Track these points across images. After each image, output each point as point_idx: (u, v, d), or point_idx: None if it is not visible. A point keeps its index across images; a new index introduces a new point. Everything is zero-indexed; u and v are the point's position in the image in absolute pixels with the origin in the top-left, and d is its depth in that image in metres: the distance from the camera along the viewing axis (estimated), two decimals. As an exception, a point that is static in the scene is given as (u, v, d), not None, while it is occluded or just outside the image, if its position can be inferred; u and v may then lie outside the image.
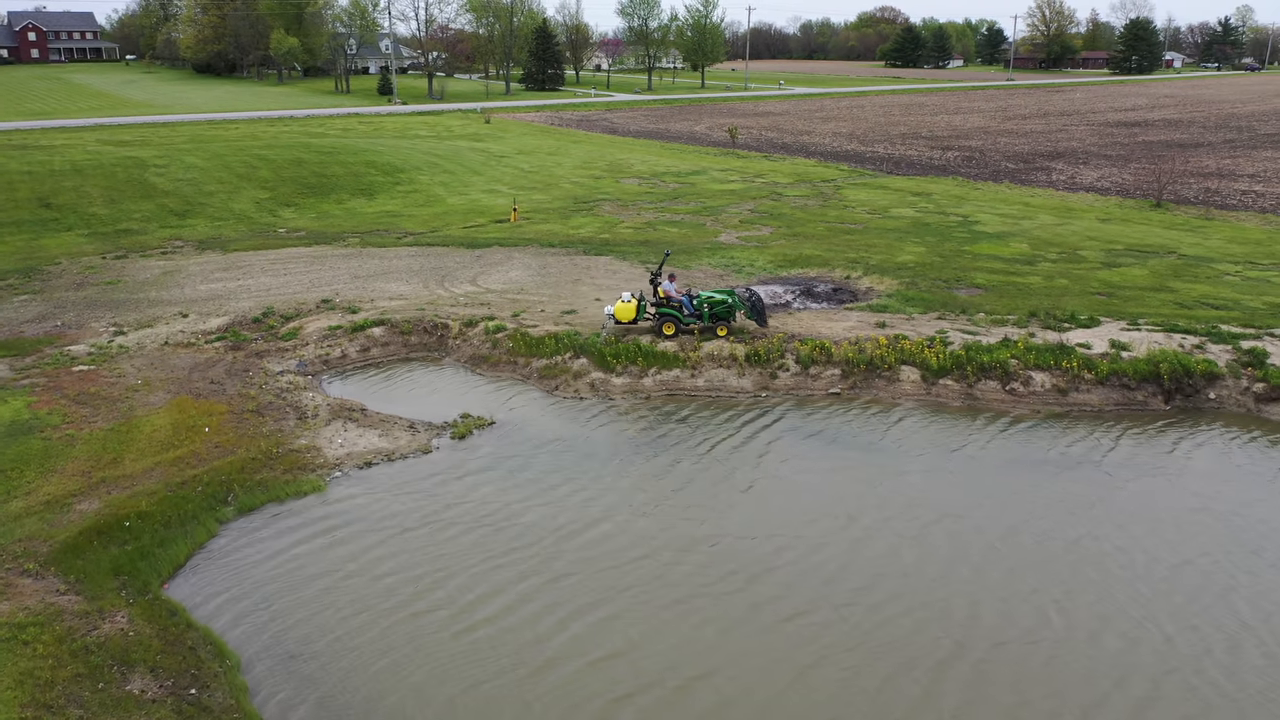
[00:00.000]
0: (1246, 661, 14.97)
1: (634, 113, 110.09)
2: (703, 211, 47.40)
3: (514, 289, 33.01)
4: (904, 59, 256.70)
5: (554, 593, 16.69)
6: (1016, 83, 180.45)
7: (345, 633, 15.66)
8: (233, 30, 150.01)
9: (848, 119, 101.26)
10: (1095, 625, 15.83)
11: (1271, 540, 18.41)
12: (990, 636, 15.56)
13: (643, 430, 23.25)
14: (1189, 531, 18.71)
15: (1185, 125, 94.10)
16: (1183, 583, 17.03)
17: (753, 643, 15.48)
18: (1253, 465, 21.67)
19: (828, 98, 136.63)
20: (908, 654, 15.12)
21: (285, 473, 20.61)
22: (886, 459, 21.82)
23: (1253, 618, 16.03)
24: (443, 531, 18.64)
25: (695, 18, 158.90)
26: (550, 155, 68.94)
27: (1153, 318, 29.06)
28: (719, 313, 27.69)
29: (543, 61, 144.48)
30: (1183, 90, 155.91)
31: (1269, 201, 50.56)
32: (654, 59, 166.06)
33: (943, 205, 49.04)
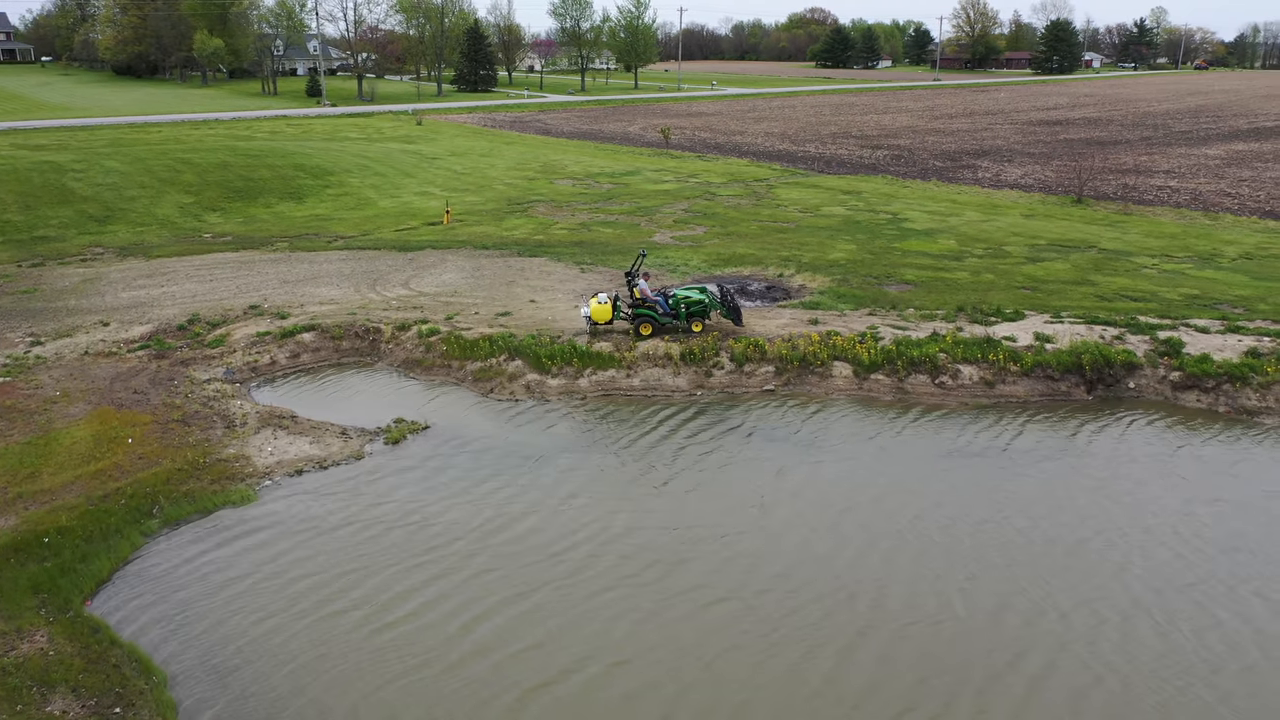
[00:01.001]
0: (1137, 636, 15.54)
1: (567, 114, 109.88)
2: (637, 212, 47.49)
3: (447, 292, 32.72)
4: (834, 60, 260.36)
5: (474, 589, 16.70)
6: (943, 83, 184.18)
7: (277, 644, 15.35)
8: (154, 31, 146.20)
9: (779, 119, 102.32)
10: (996, 606, 16.31)
11: (1163, 519, 19.15)
12: (896, 619, 15.97)
13: (576, 430, 23.22)
14: (1087, 513, 19.36)
15: (1104, 124, 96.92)
16: (1080, 562, 17.64)
17: (668, 632, 15.67)
18: (1149, 448, 22.45)
19: (760, 98, 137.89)
20: (816, 639, 15.44)
21: (213, 483, 20.14)
22: (805, 451, 22.14)
23: (1144, 593, 16.66)
24: (373, 536, 18.41)
25: (627, 19, 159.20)
26: (483, 157, 68.47)
27: (1075, 310, 29.87)
28: (695, 311, 27.79)
29: (475, 62, 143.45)
30: (1101, 90, 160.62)
31: (1183, 197, 52.31)
32: (587, 60, 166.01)
33: (873, 203, 49.82)
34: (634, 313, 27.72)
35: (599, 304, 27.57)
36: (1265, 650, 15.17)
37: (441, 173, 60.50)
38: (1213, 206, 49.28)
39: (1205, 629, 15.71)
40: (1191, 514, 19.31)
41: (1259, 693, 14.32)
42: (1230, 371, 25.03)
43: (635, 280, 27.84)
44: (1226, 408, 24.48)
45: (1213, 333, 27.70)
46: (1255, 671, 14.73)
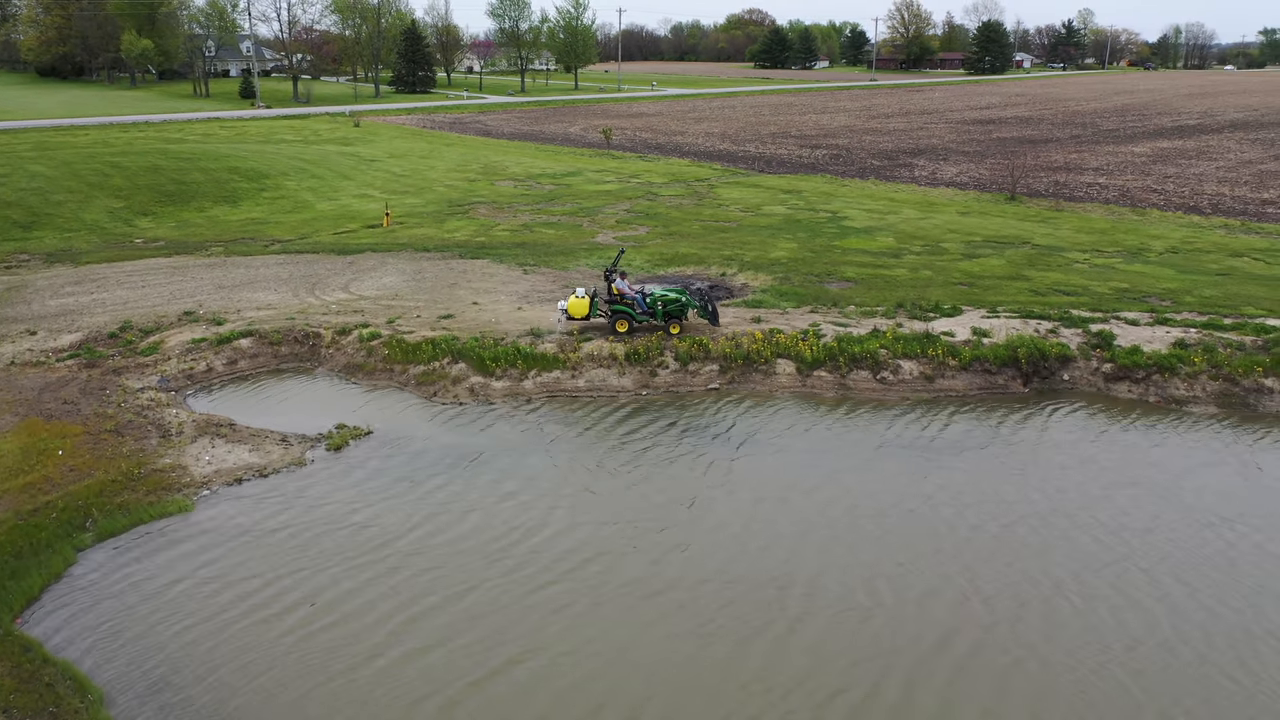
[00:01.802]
0: (1058, 618, 15.99)
1: (508, 114, 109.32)
2: (579, 212, 47.41)
3: (388, 295, 32.33)
4: (772, 60, 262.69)
5: (413, 591, 16.71)
6: (879, 83, 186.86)
7: (215, 657, 15.02)
8: (79, 31, 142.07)
9: (719, 119, 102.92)
10: (923, 592, 16.69)
11: (1082, 503, 19.76)
12: (827, 608, 16.25)
13: (520, 432, 23.09)
14: (1012, 500, 19.87)
15: (1035, 122, 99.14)
16: (1004, 548, 18.12)
17: (603, 626, 15.82)
18: (1073, 436, 23.09)
19: (700, 98, 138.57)
20: (749, 630, 15.65)
21: (149, 494, 19.64)
22: (743, 447, 22.36)
23: (1065, 576, 17.17)
24: (313, 542, 18.15)
25: (566, 19, 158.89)
26: (423, 158, 67.81)
27: (1010, 305, 30.50)
28: (672, 311, 27.79)
29: (412, 63, 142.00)
30: (1032, 89, 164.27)
31: (1111, 193, 53.72)
32: (526, 61, 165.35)
33: (813, 202, 50.35)
34: (611, 310, 27.71)
35: (577, 299, 27.54)
36: (1178, 628, 15.68)
37: (380, 175, 59.78)
38: (1140, 202, 50.70)
39: (1122, 608, 16.23)
40: (1110, 499, 19.93)
41: (1171, 669, 14.78)
42: (1159, 362, 25.76)
43: (614, 277, 27.83)
44: (1156, 398, 25.19)
45: (1142, 325, 28.48)
46: (1169, 648, 15.24)
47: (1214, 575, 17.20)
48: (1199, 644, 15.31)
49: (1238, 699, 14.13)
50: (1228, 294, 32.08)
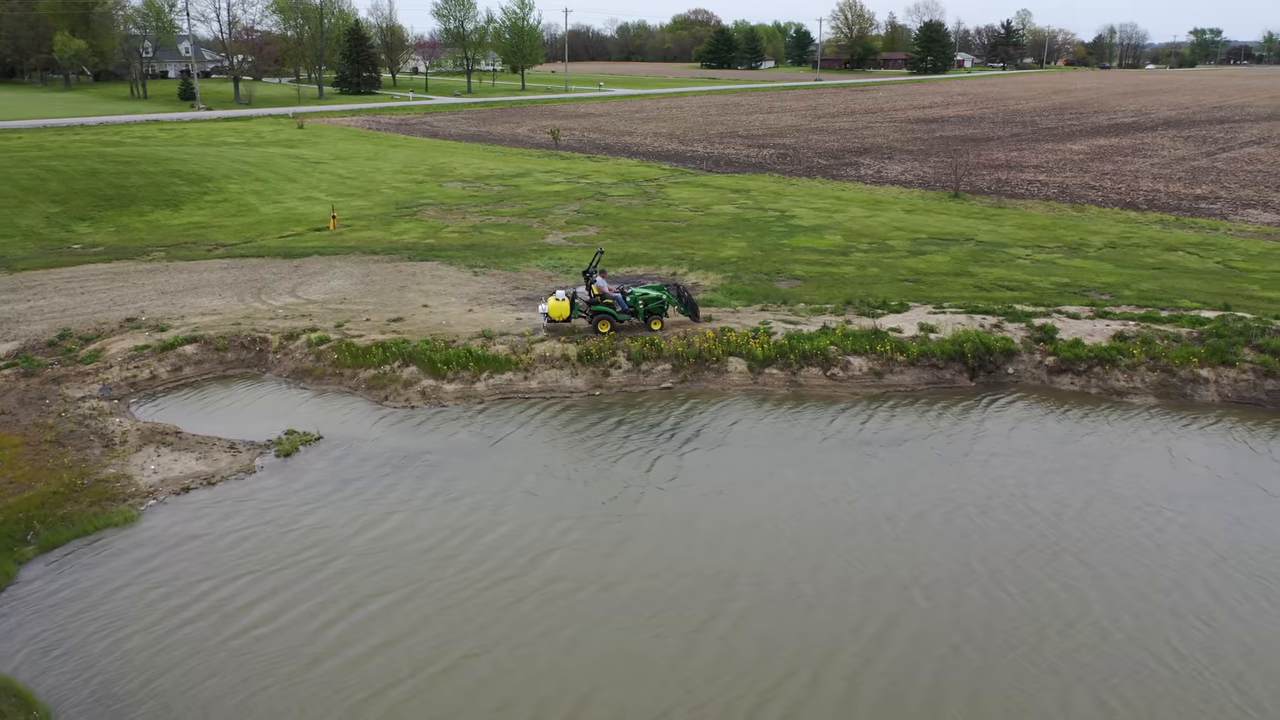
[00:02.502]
0: (968, 601, 16.45)
1: (454, 115, 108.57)
2: (529, 213, 47.27)
3: (336, 299, 31.96)
4: (719, 60, 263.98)
5: (350, 592, 16.78)
6: (824, 83, 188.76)
7: (158, 665, 14.79)
8: (9, 31, 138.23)
9: (667, 119, 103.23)
10: (867, 581, 17.05)
11: (1019, 491, 20.33)
12: (775, 599, 16.53)
13: (470, 434, 22.99)
14: (950, 489, 20.34)
15: (977, 121, 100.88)
16: (944, 536, 18.56)
17: (525, 621, 15.95)
18: (1008, 427, 23.70)
19: (647, 98, 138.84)
20: (668, 623, 15.87)
21: (92, 505, 19.22)
22: (684, 444, 22.57)
23: (1002, 561, 17.67)
24: (261, 548, 17.96)
25: (512, 20, 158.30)
26: (369, 160, 67.09)
27: (956, 301, 31.03)
28: (652, 308, 28.14)
29: (357, 64, 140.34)
30: (973, 88, 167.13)
31: (1051, 190, 54.88)
32: (472, 61, 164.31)
33: (761, 201, 50.73)
34: (592, 310, 27.87)
35: (557, 301, 27.65)
36: (1110, 610, 16.17)
37: (326, 177, 59.03)
38: (1079, 199, 51.85)
39: (1056, 592, 16.72)
40: (1045, 487, 20.50)
41: (1102, 649, 15.21)
42: (1100, 355, 26.39)
43: (594, 277, 28.03)
44: (1098, 389, 25.80)
45: (1083, 319, 29.15)
46: (1102, 630, 15.70)
47: (1143, 558, 17.78)
48: (1129, 625, 15.80)
49: (1163, 677, 14.61)
50: (1164, 287, 32.95)
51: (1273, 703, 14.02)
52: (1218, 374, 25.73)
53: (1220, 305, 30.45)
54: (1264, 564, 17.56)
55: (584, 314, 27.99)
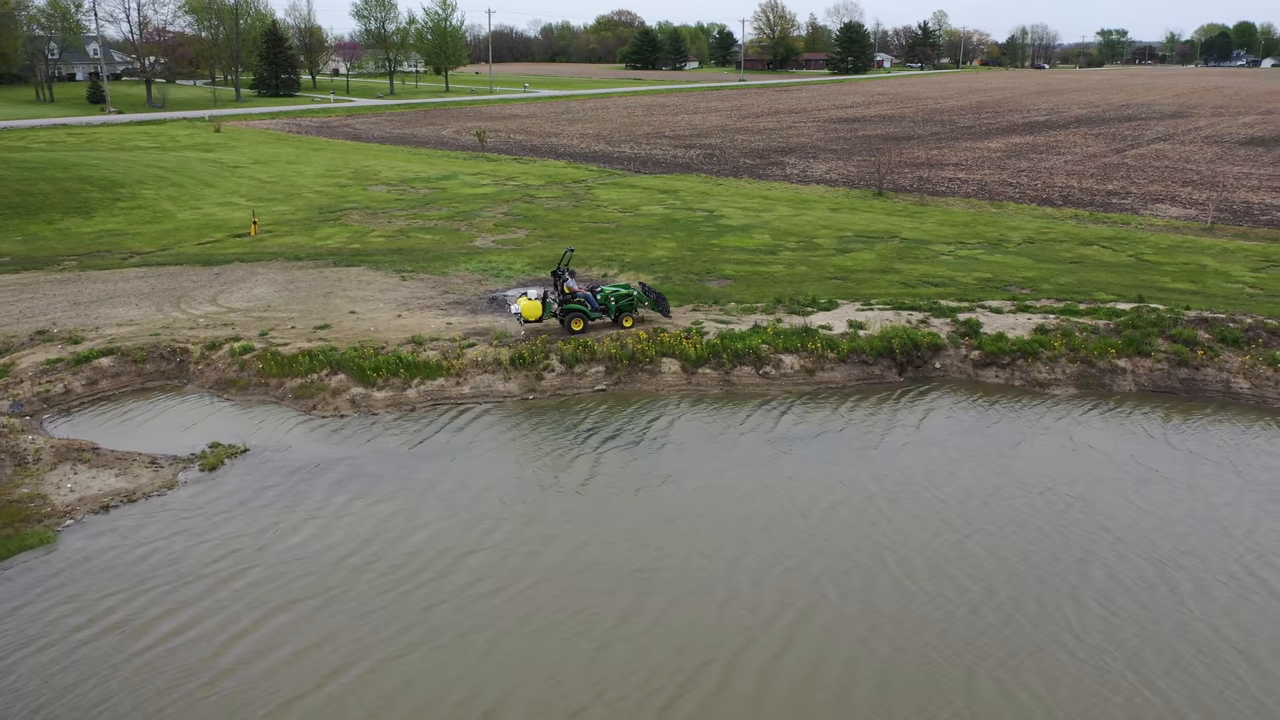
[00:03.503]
0: (878, 591, 16.81)
1: (377, 118, 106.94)
2: (456, 216, 46.75)
3: (260, 306, 31.19)
4: (643, 61, 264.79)
5: (277, 602, 16.46)
6: (748, 83, 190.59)
7: (65, 681, 14.26)
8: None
9: (593, 120, 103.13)
10: (782, 572, 17.27)
11: (928, 480, 20.83)
12: (667, 593, 16.69)
13: (400, 442, 22.61)
14: (862, 481, 20.74)
15: (897, 120, 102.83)
16: (856, 527, 18.95)
17: (436, 627, 15.85)
18: (920, 419, 24.19)
19: (573, 99, 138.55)
20: (580, 625, 15.90)
21: (5, 527, 18.40)
22: (607, 442, 22.64)
23: (913, 549, 18.11)
24: (183, 565, 17.41)
25: (434, 20, 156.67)
26: (290, 164, 65.67)
27: (883, 297, 31.54)
28: (624, 306, 28.51)
29: (275, 66, 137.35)
30: (893, 88, 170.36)
31: (971, 187, 56.19)
32: (395, 63, 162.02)
33: (689, 201, 50.96)
34: (564, 309, 28.00)
35: (529, 301, 27.76)
36: (1014, 595, 16.62)
37: (246, 181, 57.62)
38: (998, 195, 53.17)
39: (962, 577, 17.15)
40: (953, 475, 21.02)
41: (1007, 633, 15.62)
42: (1023, 348, 27.06)
43: (564, 276, 28.18)
44: (1021, 381, 26.46)
45: (1006, 313, 29.87)
46: (978, 613, 16.14)
47: (1045, 542, 18.35)
48: (1032, 609, 16.25)
49: (1062, 658, 15.03)
50: (1081, 280, 33.96)
51: (1165, 680, 14.53)
52: (1134, 364, 26.57)
53: (1134, 297, 31.49)
54: (1158, 545, 18.25)
55: (555, 314, 28.20)
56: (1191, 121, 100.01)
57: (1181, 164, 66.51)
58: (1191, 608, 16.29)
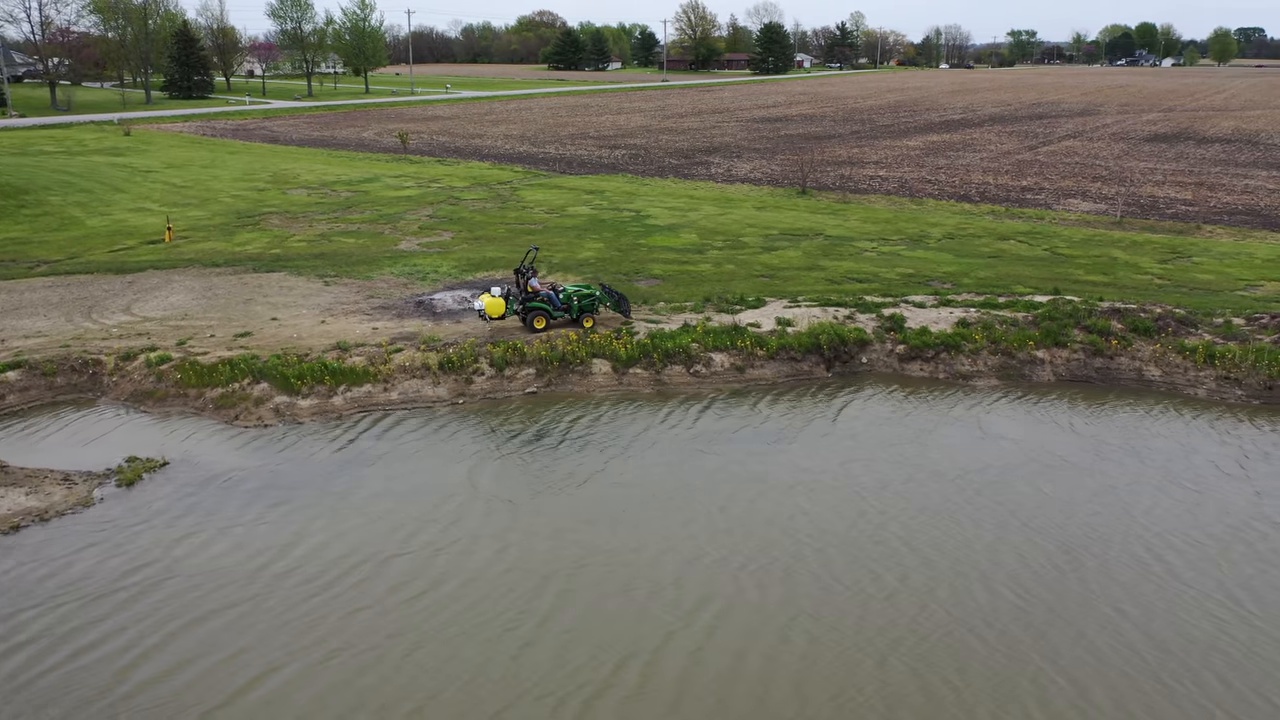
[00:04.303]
0: (798, 581, 17.08)
1: (296, 120, 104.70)
2: (380, 220, 46.00)
3: (177, 315, 30.25)
4: (566, 61, 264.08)
5: (194, 614, 16.17)
6: (671, 83, 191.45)
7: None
8: None
9: (517, 121, 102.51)
10: (677, 572, 17.39)
11: (844, 471, 21.25)
12: (589, 592, 16.82)
13: (323, 451, 22.15)
14: (777, 474, 21.05)
15: (819, 119, 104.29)
16: (775, 518, 19.25)
17: (365, 629, 15.75)
18: (825, 412, 24.62)
19: (496, 100, 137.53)
20: (509, 621, 15.93)
21: (-93, 551, 17.52)
22: (519, 445, 22.57)
23: (808, 537, 18.47)
24: (89, 580, 16.88)
25: (353, 21, 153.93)
26: (205, 168, 63.92)
27: (809, 294, 31.92)
28: (585, 305, 28.54)
29: (187, 67, 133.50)
30: (813, 88, 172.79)
31: (891, 185, 57.24)
32: (312, 64, 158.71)
33: (616, 202, 50.95)
34: (526, 307, 28.07)
35: (492, 298, 27.84)
36: (928, 581, 17.06)
37: (159, 187, 55.90)
38: (917, 192, 54.26)
39: (876, 563, 17.57)
40: (869, 466, 21.46)
41: (921, 619, 16.01)
42: (946, 341, 27.64)
43: (527, 275, 28.21)
44: (945, 374, 27.01)
45: (929, 307, 30.47)
46: (894, 600, 16.55)
47: (935, 526, 18.90)
48: (944, 596, 16.65)
49: (973, 643, 15.42)
50: (999, 274, 34.83)
51: (1070, 658, 15.01)
52: (1052, 355, 27.34)
53: (1051, 290, 32.41)
54: (1064, 527, 18.89)
55: (518, 312, 28.23)
56: (1099, 119, 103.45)
57: (1091, 160, 68.72)
58: (1094, 588, 16.87)
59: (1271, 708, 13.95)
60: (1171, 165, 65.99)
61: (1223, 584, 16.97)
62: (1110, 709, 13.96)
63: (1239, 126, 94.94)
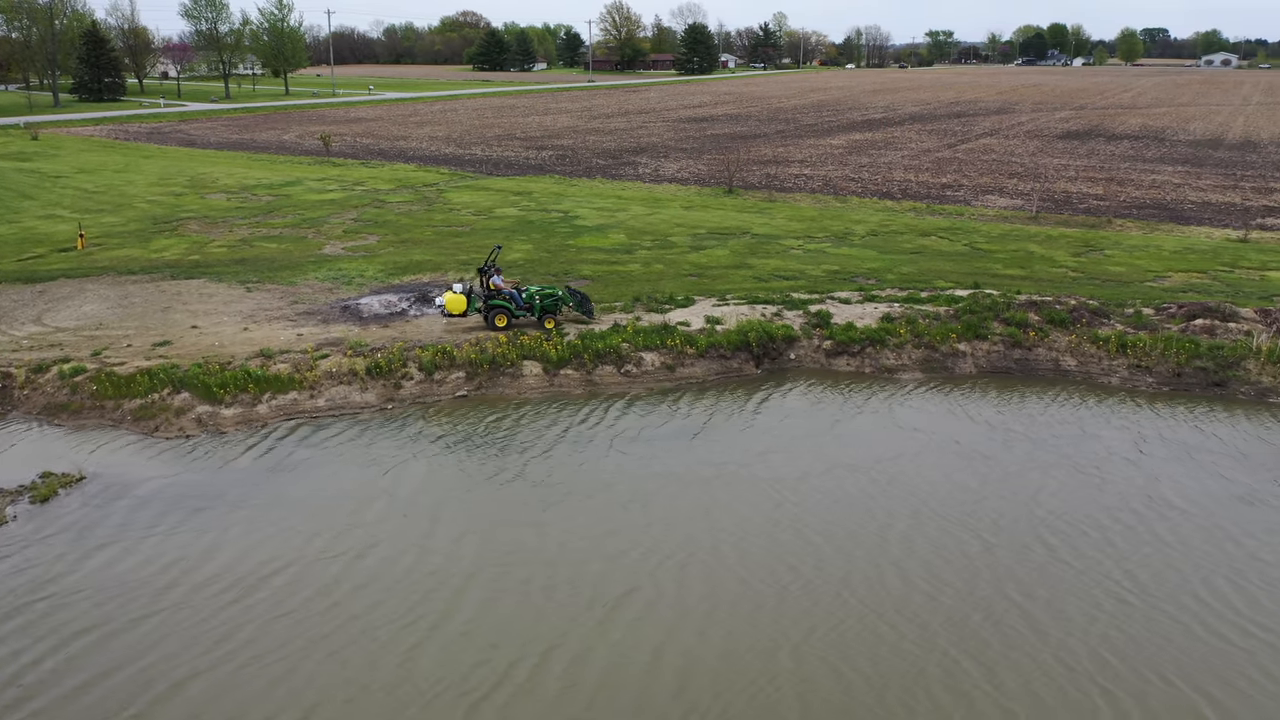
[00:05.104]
0: (716, 577, 17.36)
1: (213, 123, 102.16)
2: (303, 224, 45.17)
3: (91, 325, 29.33)
4: (491, 62, 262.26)
5: (61, 631, 15.75)
6: (597, 84, 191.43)
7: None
8: None
9: (443, 123, 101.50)
10: (603, 564, 17.61)
11: (742, 463, 21.68)
12: (487, 590, 16.86)
13: (246, 461, 21.69)
14: (678, 470, 21.36)
15: (744, 119, 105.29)
16: (680, 511, 19.55)
17: (251, 640, 15.56)
18: (750, 407, 24.97)
19: (420, 102, 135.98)
20: (403, 624, 15.90)
21: None
22: (427, 448, 22.45)
23: (726, 528, 18.85)
24: (11, 603, 16.32)
25: (271, 21, 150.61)
26: (119, 173, 62.03)
27: (738, 292, 32.25)
28: (548, 305, 28.55)
29: (98, 69, 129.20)
30: (738, 88, 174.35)
31: (816, 183, 58.09)
32: (230, 65, 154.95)
33: (544, 203, 50.80)
34: (488, 305, 28.11)
35: (454, 295, 27.97)
36: (821, 568, 17.50)
37: (69, 192, 54.08)
38: (841, 190, 55.17)
39: (772, 559, 17.87)
40: (766, 459, 21.88)
41: (785, 614, 16.29)
42: (871, 336, 28.17)
43: (490, 274, 28.25)
44: (871, 368, 27.53)
45: (854, 303, 31.02)
46: (787, 593, 16.88)
47: (850, 516, 19.39)
48: (835, 580, 17.09)
49: (852, 625, 15.86)
50: (921, 270, 35.61)
51: (948, 640, 15.50)
52: (973, 347, 28.05)
53: (971, 284, 33.24)
54: (950, 510, 19.56)
55: (480, 310, 28.24)
56: (1014, 117, 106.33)
57: (1007, 157, 70.62)
58: (980, 570, 17.46)
59: (1164, 682, 14.53)
60: (1083, 161, 68.16)
61: (1122, 564, 17.65)
62: (1017, 689, 14.38)
63: (1146, 123, 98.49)
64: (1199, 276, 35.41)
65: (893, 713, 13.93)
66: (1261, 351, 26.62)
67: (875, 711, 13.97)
